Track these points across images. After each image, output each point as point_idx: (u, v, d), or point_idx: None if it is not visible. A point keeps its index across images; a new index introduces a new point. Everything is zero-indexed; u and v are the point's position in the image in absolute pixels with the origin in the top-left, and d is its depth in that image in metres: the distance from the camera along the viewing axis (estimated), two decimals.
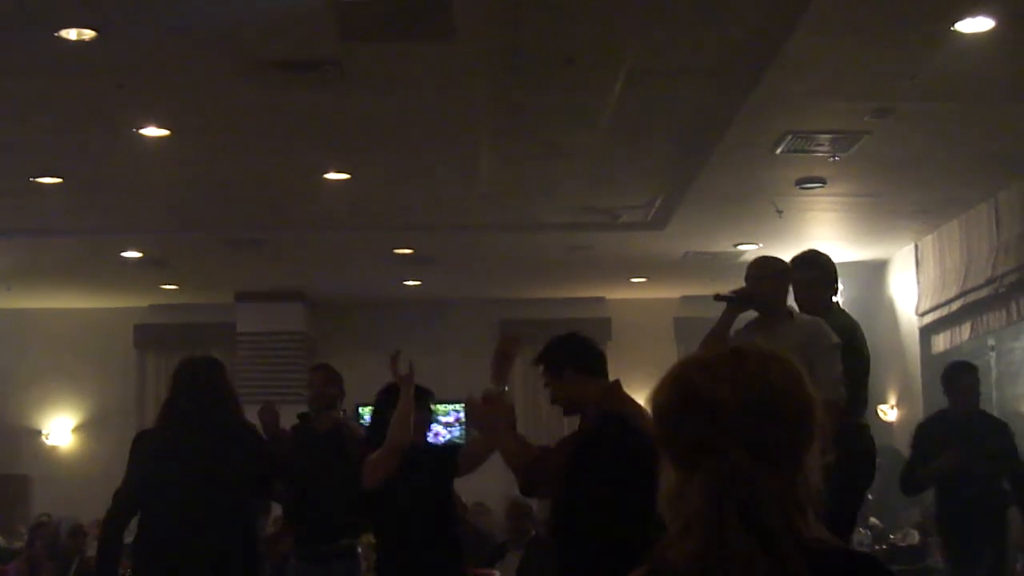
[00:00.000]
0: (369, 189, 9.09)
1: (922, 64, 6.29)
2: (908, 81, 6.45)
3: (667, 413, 1.79)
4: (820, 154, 7.85)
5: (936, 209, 9.75)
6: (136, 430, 13.07)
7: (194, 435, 5.62)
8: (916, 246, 11.03)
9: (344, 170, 8.51)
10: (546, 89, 6.90)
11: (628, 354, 10.69)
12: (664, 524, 1.77)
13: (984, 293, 9.60)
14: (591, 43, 6.23)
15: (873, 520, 10.17)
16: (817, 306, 5.92)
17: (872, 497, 8.71)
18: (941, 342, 10.80)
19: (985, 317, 9.83)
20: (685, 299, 13.05)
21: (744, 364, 1.78)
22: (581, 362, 4.60)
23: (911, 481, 7.11)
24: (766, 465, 1.70)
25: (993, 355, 10.09)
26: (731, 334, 5.57)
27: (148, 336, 13.98)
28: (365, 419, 8.35)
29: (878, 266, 11.66)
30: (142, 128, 7.40)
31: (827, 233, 10.31)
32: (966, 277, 9.90)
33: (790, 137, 7.53)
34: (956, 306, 10.18)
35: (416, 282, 12.88)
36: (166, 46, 6.13)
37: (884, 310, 11.68)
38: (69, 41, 5.89)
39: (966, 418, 7.07)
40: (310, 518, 6.61)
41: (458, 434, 13.19)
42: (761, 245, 10.53)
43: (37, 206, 9.36)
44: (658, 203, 9.68)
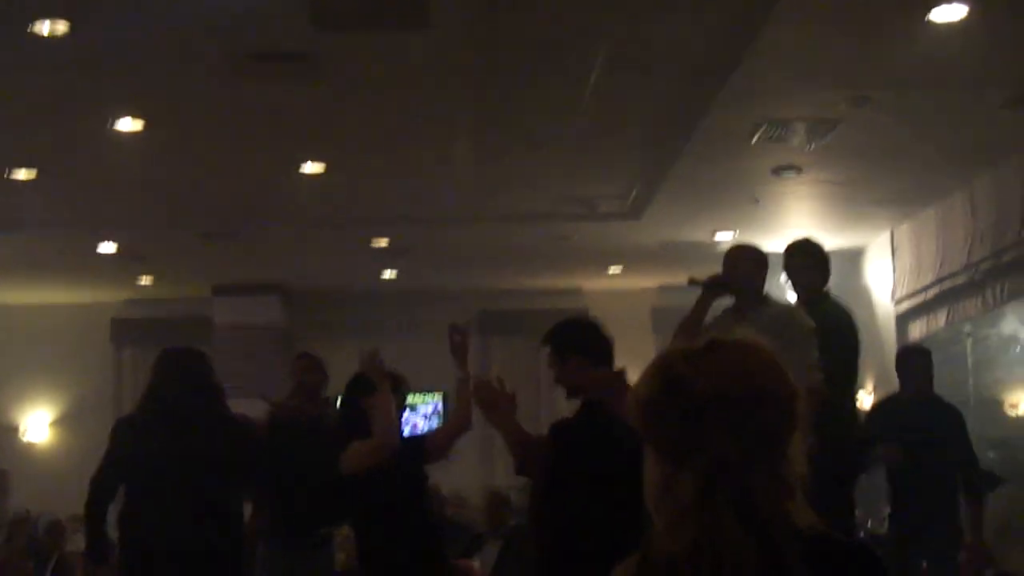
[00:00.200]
0: (345, 181, 9.08)
1: (896, 53, 6.31)
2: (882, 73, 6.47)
3: (651, 406, 1.79)
4: (796, 142, 7.87)
5: (911, 197, 9.79)
6: (111, 424, 13.06)
7: (176, 423, 5.64)
8: (892, 233, 11.07)
9: (320, 162, 8.50)
10: (523, 79, 6.90)
11: None
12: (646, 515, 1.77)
13: (960, 280, 9.64)
14: (568, 33, 6.23)
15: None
16: (812, 293, 5.96)
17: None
18: (917, 329, 10.85)
19: (961, 304, 9.87)
20: (662, 289, 13.07)
21: (727, 355, 1.79)
22: (587, 348, 4.60)
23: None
24: (753, 455, 1.71)
25: (969, 342, 10.14)
26: (707, 320, 5.60)
27: (124, 330, 13.92)
28: None
29: (854, 254, 11.70)
30: (117, 121, 7.37)
31: (803, 221, 10.34)
32: (942, 264, 9.94)
33: (766, 126, 7.55)
34: (932, 293, 10.23)
35: (393, 273, 12.86)
36: (140, 38, 6.10)
37: (860, 297, 11.72)
38: (42, 34, 5.86)
39: (916, 402, 7.07)
40: (289, 507, 6.61)
41: (437, 424, 13.19)
42: (738, 233, 10.56)
43: (11, 200, 9.31)
44: (635, 193, 9.70)
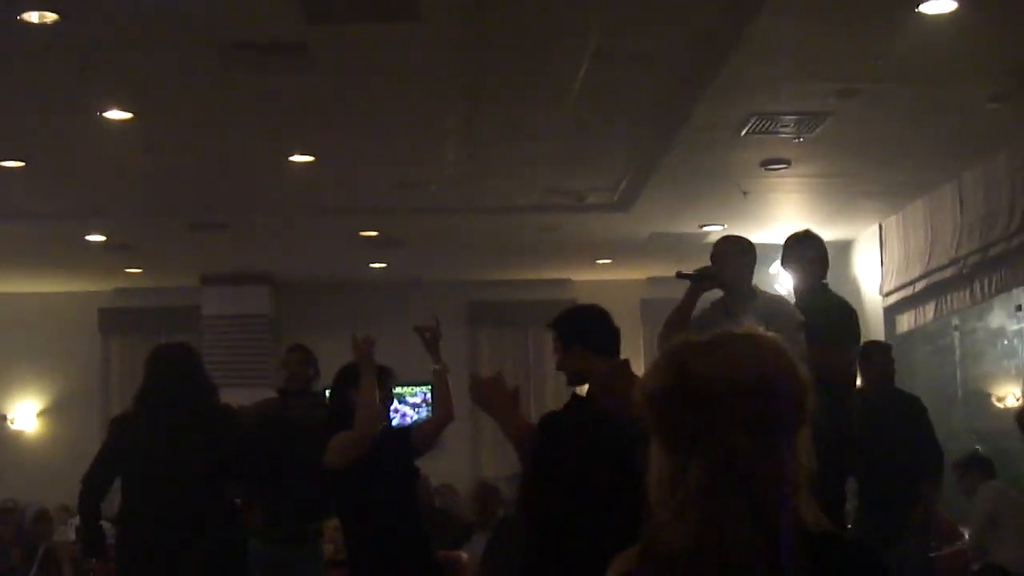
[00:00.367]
0: (334, 171, 9.07)
1: (885, 45, 6.32)
2: (872, 63, 6.48)
3: (661, 397, 1.79)
4: (784, 135, 7.88)
5: (900, 190, 9.82)
6: (101, 415, 13.12)
7: (169, 421, 5.68)
8: (880, 226, 11.10)
9: (309, 152, 8.49)
10: (512, 71, 6.90)
11: None
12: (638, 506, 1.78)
13: (948, 273, 9.67)
14: (557, 25, 6.24)
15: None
16: (812, 284, 5.99)
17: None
18: (905, 322, 10.88)
19: (949, 297, 9.90)
20: (651, 280, 13.09)
21: (738, 347, 1.80)
22: (592, 337, 4.61)
23: None
24: (763, 447, 1.71)
25: (957, 335, 10.18)
26: (696, 313, 5.62)
27: (112, 320, 13.92)
28: None
29: (842, 246, 11.73)
30: (106, 111, 7.36)
31: (792, 214, 10.36)
32: (930, 257, 9.97)
33: (755, 119, 7.56)
34: (920, 286, 10.25)
35: (382, 264, 12.87)
36: (129, 28, 6.09)
37: (848, 290, 11.72)
38: (31, 24, 5.84)
39: (877, 397, 7.16)
40: (276, 502, 6.62)
41: (426, 415, 13.21)
42: (726, 226, 10.56)
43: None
44: (624, 184, 9.70)
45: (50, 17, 5.81)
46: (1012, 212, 8.55)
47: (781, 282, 10.13)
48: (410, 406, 13.25)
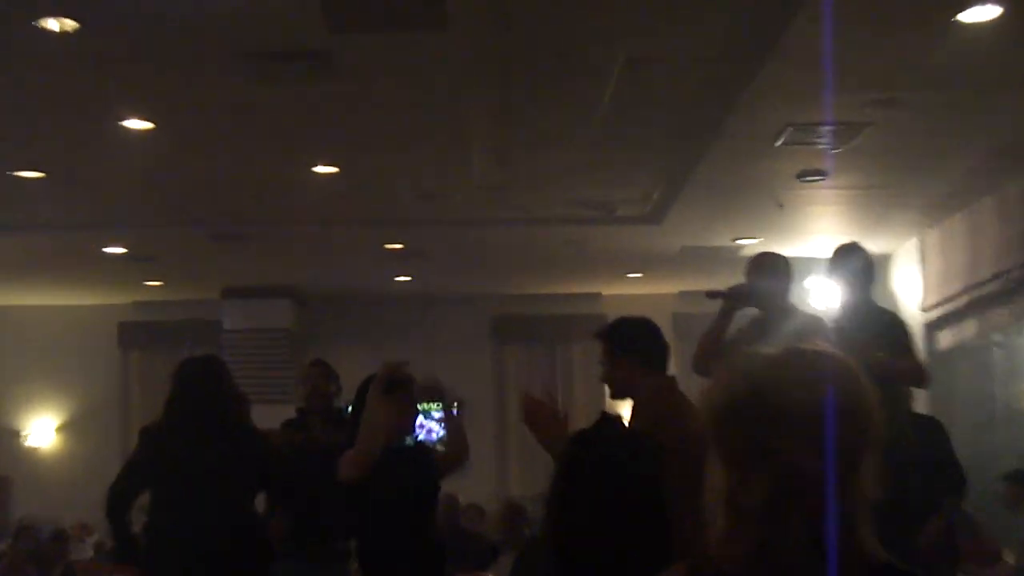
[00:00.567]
0: (359, 182, 9.08)
1: (926, 53, 6.29)
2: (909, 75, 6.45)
3: (728, 411, 1.77)
4: (821, 146, 7.84)
5: (940, 202, 9.75)
6: (120, 431, 13.16)
7: (199, 432, 5.71)
8: (920, 240, 11.03)
9: (333, 163, 8.51)
10: (541, 79, 6.89)
11: None
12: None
13: (990, 288, 9.59)
14: (587, 31, 6.23)
15: None
16: (863, 296, 5.94)
17: None
18: (946, 338, 10.80)
19: (991, 313, 9.82)
20: (683, 295, 13.05)
21: (811, 364, 1.77)
22: (641, 352, 4.60)
23: None
24: (828, 469, 1.69)
25: (999, 352, 10.09)
26: (732, 331, 5.59)
27: (132, 334, 13.97)
28: None
29: (881, 260, 11.65)
30: (126, 120, 7.39)
31: (829, 227, 10.31)
32: (971, 272, 9.89)
33: (791, 129, 7.52)
34: (961, 302, 10.17)
35: (407, 277, 12.87)
36: (150, 37, 6.12)
37: (887, 305, 11.66)
38: (51, 31, 5.87)
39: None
40: (308, 520, 6.63)
41: (442, 436, 13.22)
42: (761, 240, 10.53)
43: (18, 201, 9.34)
44: (655, 196, 9.68)
45: (70, 24, 5.84)
46: None
47: (816, 298, 10.09)
48: (435, 421, 13.25)
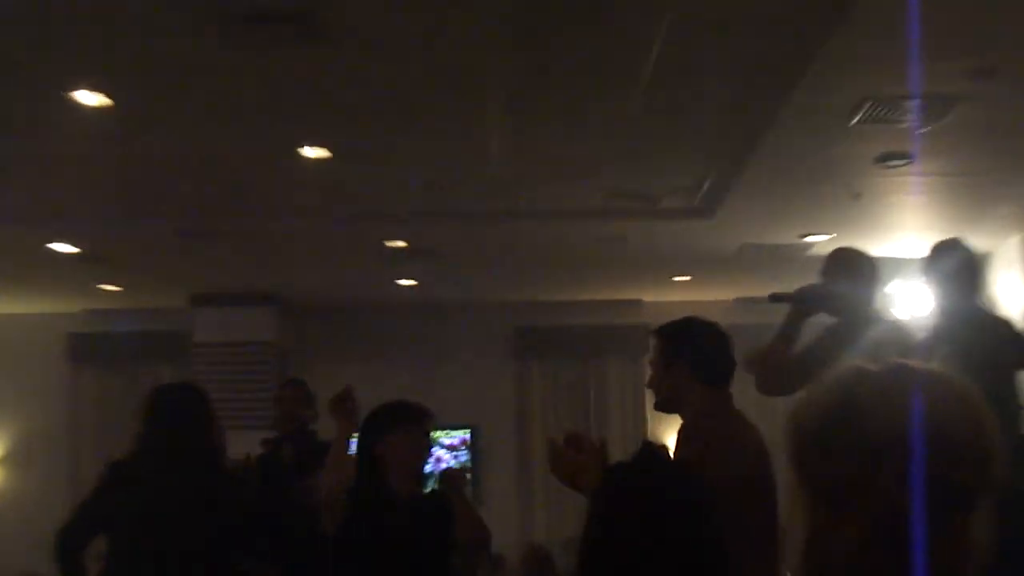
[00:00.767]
0: (354, 168, 9.09)
1: None
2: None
3: (817, 437, 1.76)
4: (906, 124, 7.82)
5: None
6: (68, 463, 13.15)
7: (175, 476, 5.71)
8: None
9: (324, 145, 8.51)
10: (571, 47, 6.88)
11: None
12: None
13: None
14: None
15: None
16: (963, 304, 5.90)
17: None
18: None
19: None
20: (739, 302, 13.04)
21: (923, 386, 1.75)
22: (701, 361, 4.60)
23: None
24: (933, 510, 1.67)
25: None
26: (802, 343, 5.58)
27: (84, 348, 14.03)
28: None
29: None
30: (75, 92, 7.39)
31: (914, 221, 10.29)
32: None
33: (869, 104, 7.50)
34: None
35: (411, 282, 12.89)
36: None
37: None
38: None
39: None
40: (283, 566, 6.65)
41: (466, 459, 13.26)
42: (833, 236, 10.52)
43: None
44: (707, 185, 9.67)
45: None
46: None
47: (900, 307, 10.06)
48: (446, 449, 13.28)
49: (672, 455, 4.50)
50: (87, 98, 7.44)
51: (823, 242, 10.88)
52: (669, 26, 6.53)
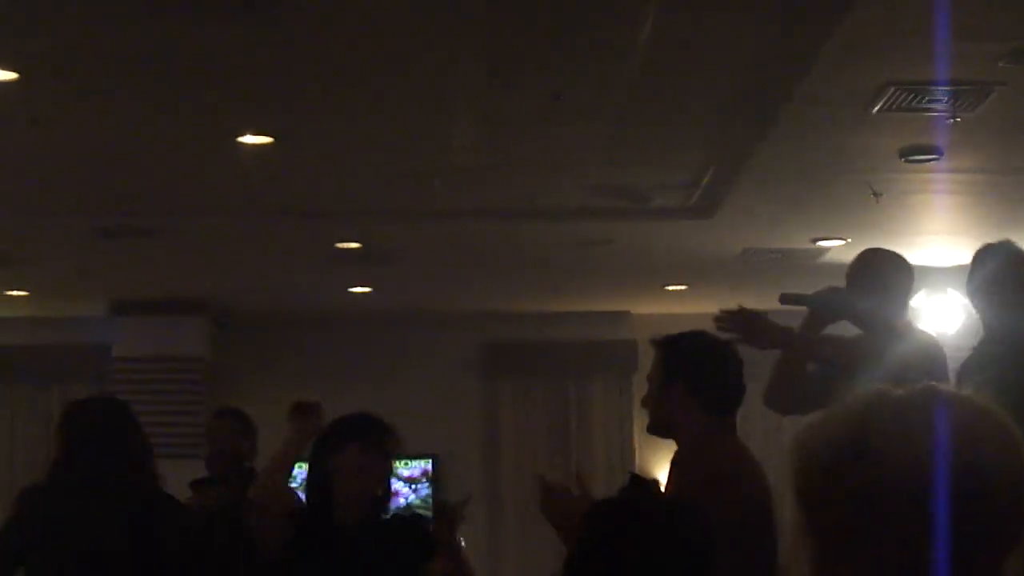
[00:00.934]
0: (300, 158, 9.10)
1: None
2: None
3: (827, 475, 1.76)
4: (934, 114, 7.86)
5: None
6: None
7: (95, 500, 5.73)
8: None
9: (265, 132, 8.50)
10: (551, 22, 6.90)
11: None
12: None
13: None
14: None
15: None
16: (1011, 317, 5.88)
17: None
18: None
19: None
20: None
21: (952, 416, 1.75)
22: (704, 385, 4.61)
23: None
24: (960, 555, 1.68)
25: None
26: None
27: None
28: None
29: None
30: None
31: (942, 224, 10.34)
32: None
33: (893, 90, 7.54)
34: None
35: (366, 288, 12.89)
36: None
37: None
38: None
39: None
40: None
41: (425, 494, 13.28)
42: (849, 240, 10.55)
43: None
44: (706, 181, 9.69)
45: None
46: None
47: (924, 320, 10.10)
48: (404, 481, 13.29)
49: (664, 488, 4.52)
50: None
51: (838, 247, 10.90)
52: (662, 1, 6.56)
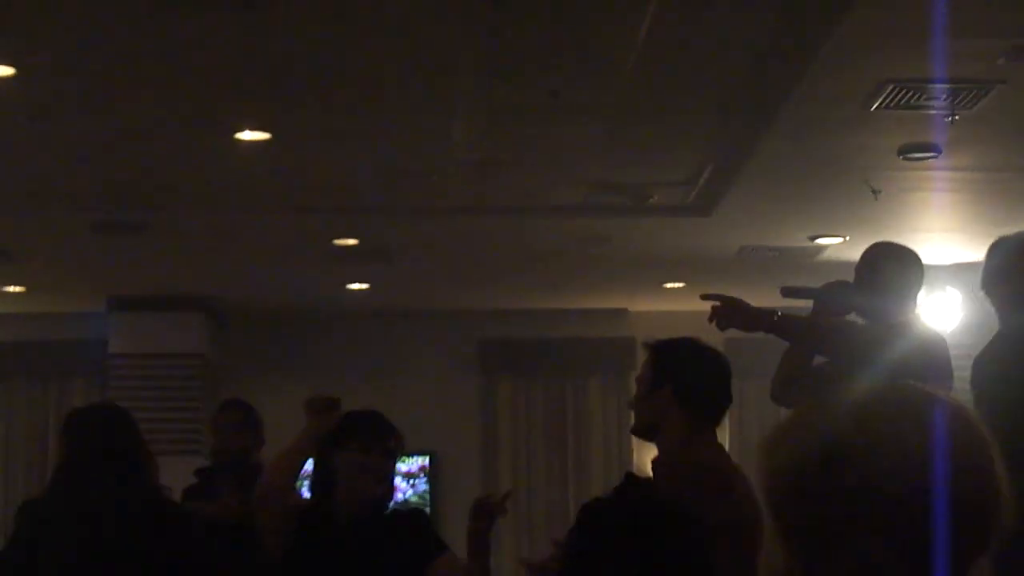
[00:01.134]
0: (299, 155, 9.09)
1: None
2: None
3: (794, 479, 1.75)
4: (933, 112, 7.85)
5: None
6: None
7: (99, 513, 5.70)
8: None
9: (263, 127, 8.49)
10: (550, 20, 6.89)
11: None
12: None
13: None
14: None
15: None
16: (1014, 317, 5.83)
17: None
18: None
19: None
20: None
21: (916, 416, 1.73)
22: (692, 394, 4.62)
23: None
24: (916, 570, 1.66)
25: None
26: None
27: None
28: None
29: None
30: None
31: (941, 222, 10.33)
32: None
33: (891, 88, 7.53)
34: None
35: (363, 285, 12.88)
36: None
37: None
38: None
39: None
40: None
41: (423, 489, 13.27)
42: (847, 238, 10.54)
43: None
44: (704, 179, 9.68)
45: None
46: None
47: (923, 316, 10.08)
48: (401, 477, 13.28)
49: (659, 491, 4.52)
50: None
51: (836, 245, 10.90)
52: None
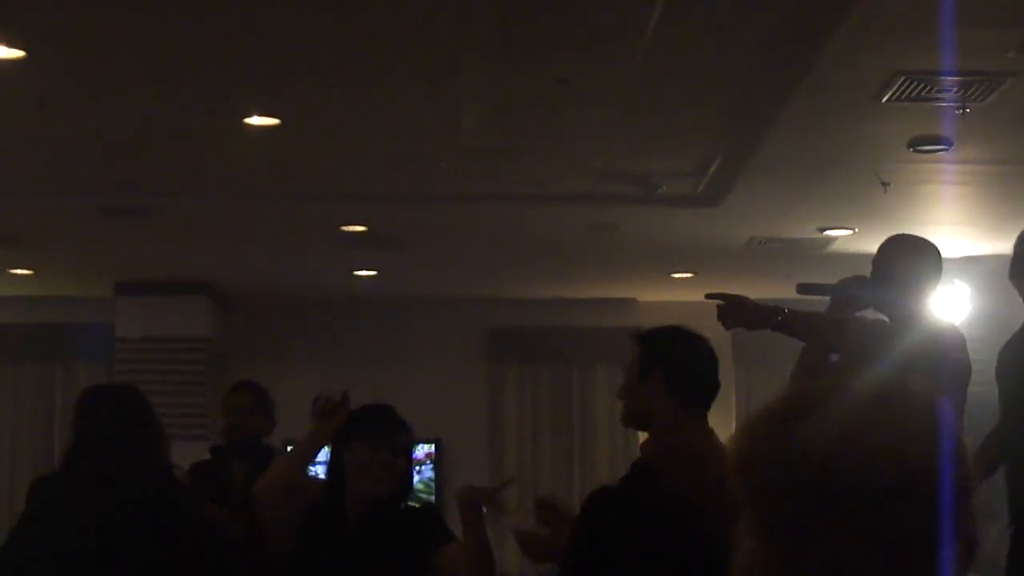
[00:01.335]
0: (306, 141, 9.08)
1: None
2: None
3: (752, 474, 1.73)
4: (944, 104, 7.83)
5: None
6: None
7: (111, 494, 5.70)
8: None
9: (272, 112, 8.48)
10: (559, 7, 6.87)
11: None
12: None
13: None
14: None
15: None
16: None
17: None
18: None
19: None
20: None
21: (882, 409, 1.71)
22: (680, 378, 4.62)
23: None
24: (885, 569, 1.64)
25: None
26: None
27: None
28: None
29: None
30: None
31: (950, 215, 10.31)
32: None
33: (902, 80, 7.51)
34: None
35: (371, 272, 12.88)
36: None
37: None
38: None
39: None
40: None
41: (429, 476, 13.31)
42: (856, 231, 10.53)
43: None
44: (713, 169, 9.67)
45: None
46: None
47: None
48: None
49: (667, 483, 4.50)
50: None
51: (845, 237, 10.88)
52: None
